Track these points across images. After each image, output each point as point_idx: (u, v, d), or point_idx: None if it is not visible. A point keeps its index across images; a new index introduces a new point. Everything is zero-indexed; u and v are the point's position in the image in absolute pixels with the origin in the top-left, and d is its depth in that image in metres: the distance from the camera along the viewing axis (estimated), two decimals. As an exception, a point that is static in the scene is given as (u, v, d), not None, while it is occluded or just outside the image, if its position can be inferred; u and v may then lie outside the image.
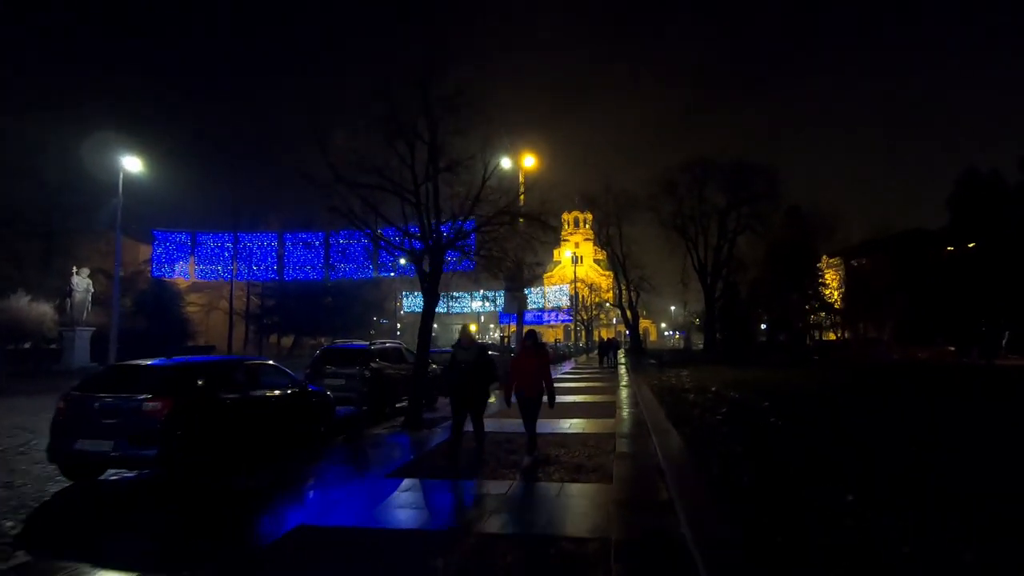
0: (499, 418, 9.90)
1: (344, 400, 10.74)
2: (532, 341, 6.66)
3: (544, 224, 10.50)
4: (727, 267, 46.61)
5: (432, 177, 9.53)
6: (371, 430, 9.12)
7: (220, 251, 21.57)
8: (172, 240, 21.81)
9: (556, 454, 6.83)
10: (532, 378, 6.40)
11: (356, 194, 9.71)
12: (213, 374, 6.55)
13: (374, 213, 10.02)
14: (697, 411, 9.47)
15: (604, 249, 49.38)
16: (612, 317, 74.97)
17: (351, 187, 9.32)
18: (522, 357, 6.67)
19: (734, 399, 11.16)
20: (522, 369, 6.51)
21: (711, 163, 44.87)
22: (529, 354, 6.56)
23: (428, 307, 9.91)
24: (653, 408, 10.52)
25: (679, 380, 16.87)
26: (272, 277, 21.94)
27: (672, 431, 7.91)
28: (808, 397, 11.73)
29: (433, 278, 9.89)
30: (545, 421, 9.43)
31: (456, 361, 6.52)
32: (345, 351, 11.22)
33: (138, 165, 22.57)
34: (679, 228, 45.17)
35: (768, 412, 9.23)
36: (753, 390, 13.01)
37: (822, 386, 14.21)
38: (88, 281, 31.19)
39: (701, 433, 7.43)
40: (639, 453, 6.72)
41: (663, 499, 4.80)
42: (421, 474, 5.92)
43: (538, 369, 6.42)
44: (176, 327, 42.51)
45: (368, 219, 10.07)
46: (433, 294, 9.89)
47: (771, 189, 44.27)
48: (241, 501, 5.26)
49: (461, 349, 6.51)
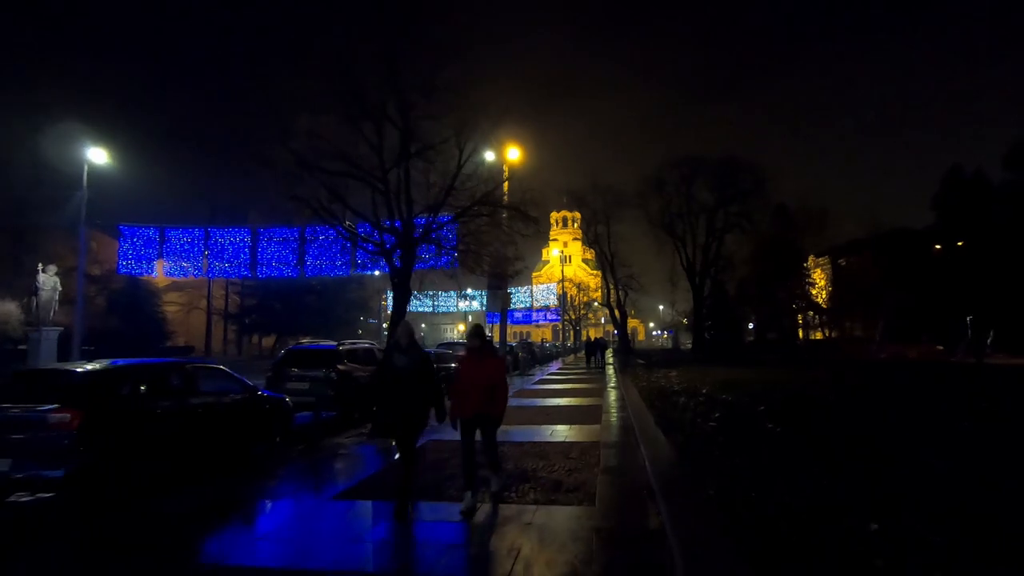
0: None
1: (309, 405, 9.97)
2: (478, 341, 4.79)
3: (525, 215, 9.79)
4: (715, 266, 46.26)
5: (403, 163, 8.78)
6: (334, 439, 8.33)
7: (191, 247, 20.57)
8: (140, 235, 20.77)
9: (534, 468, 6.11)
10: (478, 392, 4.68)
11: (322, 183, 8.94)
12: (140, 380, 5.73)
13: (342, 204, 9.24)
14: (689, 416, 8.80)
15: (592, 248, 48.82)
16: (600, 317, 74.54)
17: (314, 173, 8.54)
18: (465, 363, 4.88)
19: (727, 402, 10.52)
20: (466, 380, 4.77)
21: (699, 160, 44.51)
22: (475, 359, 4.79)
23: (398, 304, 9.15)
24: (641, 413, 9.84)
25: (668, 381, 16.23)
26: (245, 274, 20.99)
27: (662, 439, 7.22)
28: (804, 400, 11.11)
29: (404, 273, 9.14)
30: (526, 428, 8.73)
31: (388, 367, 4.94)
32: (311, 352, 10.41)
33: (103, 157, 21.48)
34: (667, 226, 44.72)
35: (764, 417, 8.59)
36: (745, 392, 12.39)
37: (817, 387, 13.62)
38: (56, 279, 29.89)
39: (695, 443, 6.75)
40: (627, 467, 6.02)
41: (654, 527, 4.10)
42: (374, 495, 5.17)
43: (487, 380, 4.70)
44: (152, 327, 41.26)
45: (336, 210, 9.30)
46: (404, 290, 9.13)
47: (758, 187, 43.96)
48: (155, 531, 4.46)
49: (397, 352, 4.84)
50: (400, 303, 9.10)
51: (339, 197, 9.12)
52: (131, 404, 5.41)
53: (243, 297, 48.83)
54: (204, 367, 6.85)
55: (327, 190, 8.96)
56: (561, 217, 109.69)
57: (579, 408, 11.41)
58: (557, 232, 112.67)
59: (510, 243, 10.90)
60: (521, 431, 8.64)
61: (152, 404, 5.64)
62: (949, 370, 20.52)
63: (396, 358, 4.81)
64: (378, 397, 4.87)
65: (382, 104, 8.64)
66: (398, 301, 9.09)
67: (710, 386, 13.75)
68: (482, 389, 4.71)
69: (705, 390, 12.93)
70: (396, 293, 9.10)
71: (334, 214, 9.18)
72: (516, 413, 10.72)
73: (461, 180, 9.09)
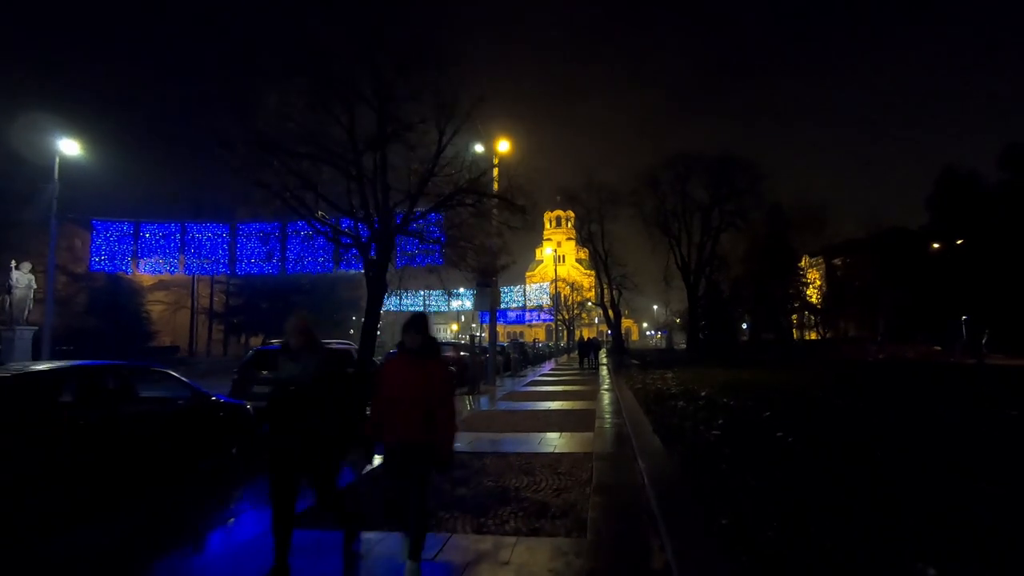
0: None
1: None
2: (417, 337, 3.30)
3: (512, 204, 9.03)
4: (710, 265, 45.71)
5: (378, 146, 8.01)
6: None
7: (166, 243, 19.66)
8: (113, 231, 19.84)
9: (517, 485, 5.36)
10: (411, 411, 3.18)
11: (289, 167, 8.14)
12: (57, 385, 4.94)
13: (312, 192, 8.45)
14: (689, 424, 8.08)
15: (586, 247, 48.12)
16: (595, 316, 73.90)
17: (277, 155, 7.75)
18: (393, 367, 3.37)
19: (729, 407, 9.82)
20: (392, 390, 3.26)
21: (694, 158, 43.96)
22: (409, 363, 3.29)
23: (373, 300, 8.38)
24: (638, 419, 9.12)
25: (664, 383, 15.54)
26: (223, 271, 20.10)
27: (662, 451, 6.50)
28: (810, 404, 10.43)
29: (380, 267, 8.37)
30: (513, 436, 7.99)
31: (275, 381, 3.48)
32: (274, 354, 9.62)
33: (76, 149, 20.54)
34: (662, 225, 44.16)
35: (772, 424, 7.88)
36: (747, 395, 11.72)
37: (821, 390, 12.94)
38: (30, 277, 28.88)
39: (698, 456, 6.03)
40: (623, 486, 5.28)
41: (657, 568, 3.37)
42: (322, 524, 4.39)
43: (424, 394, 3.21)
44: (134, 326, 40.18)
45: (307, 199, 8.50)
46: (379, 285, 8.36)
47: (754, 185, 43.43)
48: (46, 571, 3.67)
49: (286, 358, 3.41)
50: (375, 299, 8.33)
51: (309, 184, 8.33)
52: (39, 415, 4.62)
53: (229, 296, 47.78)
54: (145, 370, 6.06)
55: (295, 176, 8.17)
56: (555, 216, 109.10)
57: (571, 413, 10.67)
58: (551, 232, 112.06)
59: (497, 236, 10.15)
60: (508, 440, 7.90)
61: (73, 414, 4.85)
62: (952, 371, 19.95)
63: (282, 365, 3.40)
64: (268, 415, 3.27)
65: (354, 80, 7.87)
66: (373, 298, 8.32)
67: (709, 389, 13.07)
68: (415, 407, 3.18)
69: (704, 393, 12.25)
70: (371, 289, 8.33)
71: (305, 203, 8.40)
72: (504, 418, 9.98)
73: (441, 165, 8.33)
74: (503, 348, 27.21)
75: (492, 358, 17.80)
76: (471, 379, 15.42)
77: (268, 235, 18.43)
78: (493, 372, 17.76)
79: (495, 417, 10.24)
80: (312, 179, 8.31)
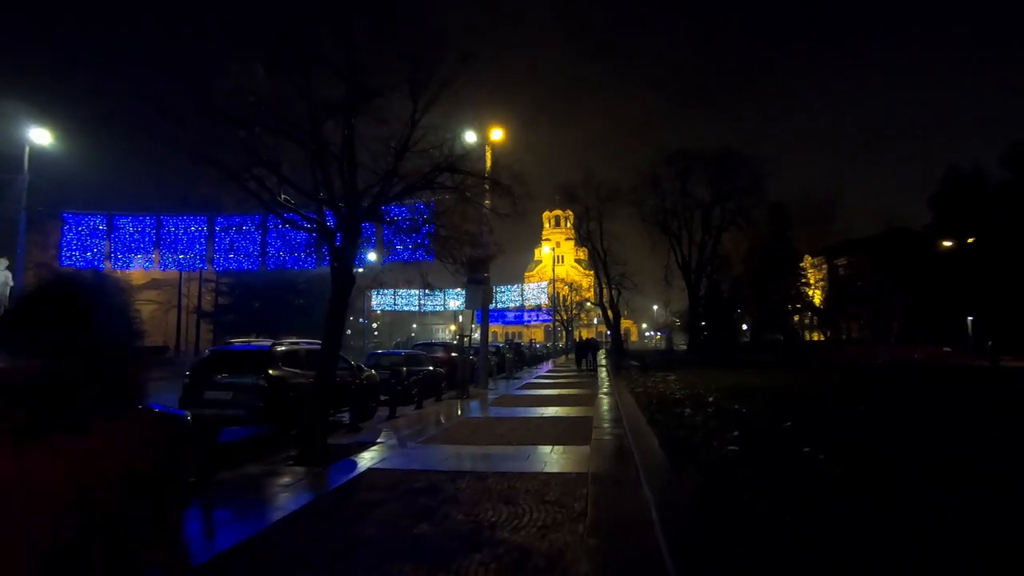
0: (439, 442, 7.38)
1: (232, 420, 8.14)
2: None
3: (496, 184, 7.98)
4: (711, 264, 44.77)
5: (341, 115, 6.96)
6: (248, 466, 6.47)
7: (141, 236, 18.64)
8: (85, 224, 18.81)
9: (493, 520, 4.32)
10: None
11: (245, 144, 7.08)
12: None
13: (274, 173, 7.38)
14: (700, 436, 7.05)
15: (584, 245, 47.12)
16: (593, 317, 72.87)
17: (228, 125, 6.69)
18: None
19: (742, 415, 8.79)
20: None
21: (694, 155, 43.01)
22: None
23: (338, 295, 7.33)
24: (640, 429, 8.10)
25: (667, 387, 14.50)
26: (200, 267, 19.12)
27: (671, 472, 5.47)
28: (830, 410, 9.41)
29: (346, 256, 7.32)
30: (497, 449, 6.95)
31: None
32: (237, 354, 8.56)
33: (47, 138, 19.50)
34: (662, 223, 43.27)
35: (794, 436, 6.86)
36: (758, 400, 10.69)
37: (838, 395, 11.91)
38: (7, 273, 27.94)
39: (715, 478, 5.00)
40: (626, 521, 4.24)
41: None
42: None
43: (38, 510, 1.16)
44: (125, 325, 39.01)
45: (267, 180, 7.44)
46: (345, 278, 7.31)
47: (756, 183, 42.56)
48: None
49: None
50: (340, 294, 7.27)
51: (269, 163, 7.26)
52: None
53: (220, 295, 46.68)
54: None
55: (252, 153, 7.11)
56: (554, 216, 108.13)
57: (565, 422, 9.65)
58: (550, 232, 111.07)
59: (484, 224, 9.10)
60: (491, 455, 6.87)
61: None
62: (968, 374, 18.96)
63: None
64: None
65: (316, 40, 6.83)
66: (338, 292, 7.26)
67: (716, 393, 12.03)
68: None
69: (711, 398, 11.21)
70: (336, 283, 7.27)
71: (266, 186, 7.32)
72: (490, 428, 8.95)
73: (416, 140, 7.27)
74: (498, 349, 26.19)
75: (484, 359, 16.77)
76: (460, 382, 14.39)
77: (247, 229, 17.35)
78: (485, 374, 16.73)
79: (481, 426, 9.21)
80: (272, 157, 7.26)
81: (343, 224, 7.29)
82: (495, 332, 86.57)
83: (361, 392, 10.53)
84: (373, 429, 9.23)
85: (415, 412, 11.26)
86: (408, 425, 9.46)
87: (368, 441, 7.90)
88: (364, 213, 7.39)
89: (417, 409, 11.56)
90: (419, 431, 8.77)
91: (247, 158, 7.05)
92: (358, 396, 10.36)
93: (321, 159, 7.02)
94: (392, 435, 8.49)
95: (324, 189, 7.16)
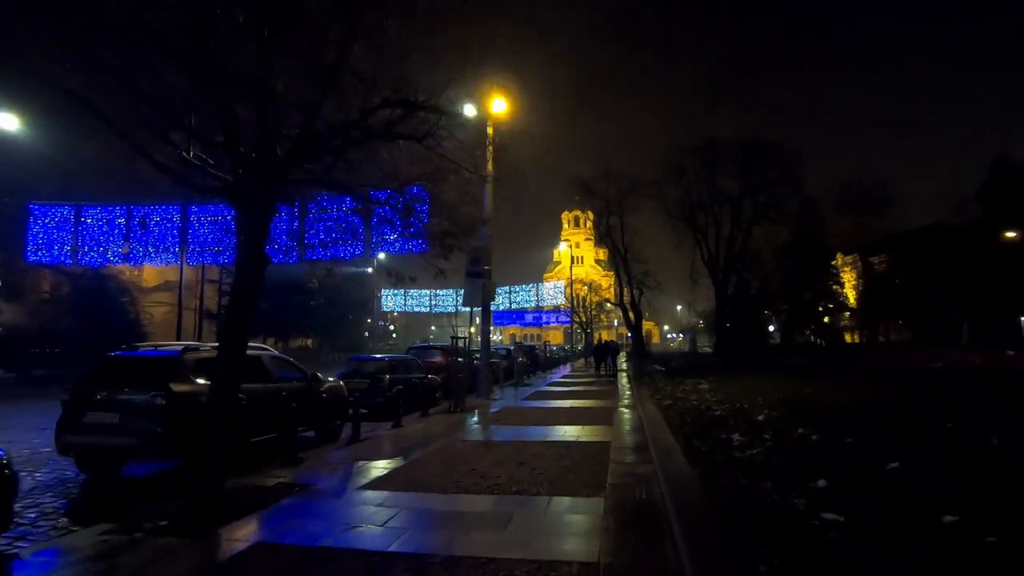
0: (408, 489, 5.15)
1: (120, 452, 6.10)
2: None
3: (444, 113, 5.66)
4: (741, 261, 41.83)
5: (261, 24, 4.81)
6: (76, 538, 4.35)
7: (111, 228, 16.92)
8: (52, 215, 17.13)
9: None
10: None
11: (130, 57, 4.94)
12: None
13: (169, 98, 5.21)
14: (769, 486, 4.75)
15: (604, 243, 44.61)
16: (614, 319, 70.18)
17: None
18: None
19: (814, 446, 6.43)
20: None
21: (722, 144, 40.19)
22: None
23: (245, 272, 5.19)
24: (675, 467, 5.82)
25: (701, 398, 12.13)
26: (172, 261, 17.22)
27: (737, 566, 3.20)
28: (936, 438, 6.94)
29: (257, 221, 5.18)
30: (461, 503, 4.66)
31: None
32: (132, 363, 6.50)
33: (14, 124, 17.90)
34: (687, 218, 40.56)
35: (909, 486, 4.52)
36: (822, 420, 8.28)
37: (931, 411, 9.33)
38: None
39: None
40: None
41: None
42: None
43: None
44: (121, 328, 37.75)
45: (161, 112, 5.27)
46: (255, 250, 5.17)
47: (788, 173, 39.50)
48: None
49: None
50: (248, 275, 5.12)
51: (165, 88, 5.11)
52: None
53: (223, 296, 45.34)
54: None
55: (137, 66, 4.96)
56: (573, 217, 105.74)
57: (574, 451, 7.39)
58: (569, 232, 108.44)
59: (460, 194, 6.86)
60: (456, 514, 4.67)
61: None
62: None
63: None
64: None
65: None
66: (244, 269, 5.11)
67: (764, 409, 9.64)
68: None
69: (761, 417, 8.85)
70: (241, 256, 5.13)
71: (162, 111, 5.14)
72: (473, 459, 6.65)
73: (355, 62, 5.11)
74: (507, 352, 23.97)
75: (485, 365, 14.56)
76: (455, 392, 12.21)
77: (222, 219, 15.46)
78: (488, 383, 14.52)
79: (459, 458, 6.99)
80: (166, 78, 5.13)
81: (254, 176, 5.15)
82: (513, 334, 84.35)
83: (320, 408, 8.44)
84: (324, 459, 7.10)
85: (389, 432, 9.12)
86: (369, 454, 7.31)
87: (302, 484, 5.75)
88: (287, 158, 5.23)
89: (394, 428, 9.42)
90: (375, 466, 6.60)
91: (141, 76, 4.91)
92: (314, 413, 8.27)
93: (224, 84, 4.85)
94: (338, 471, 6.35)
95: (231, 129, 5.00)
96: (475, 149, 7.28)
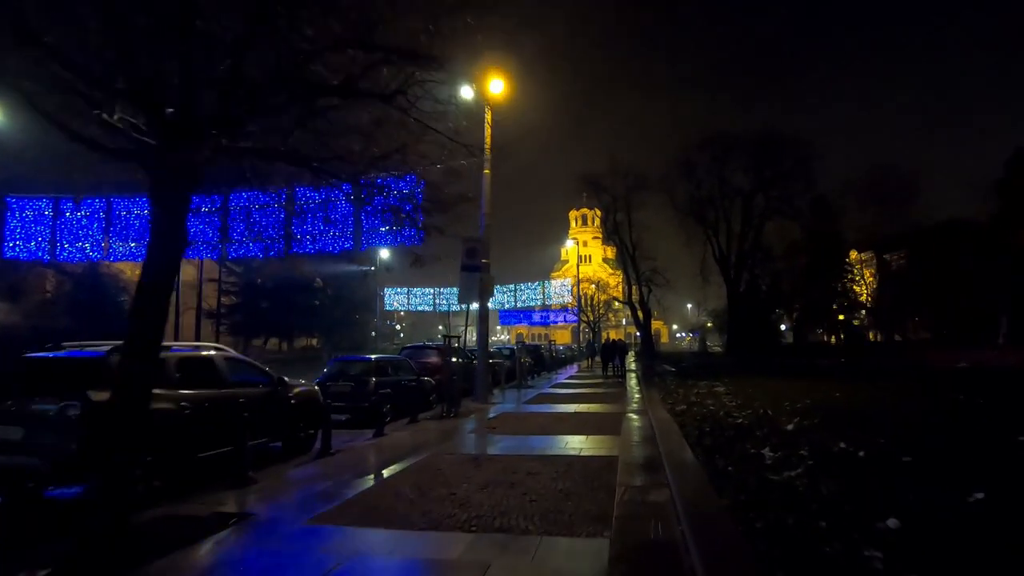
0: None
1: (22, 473, 5.11)
2: None
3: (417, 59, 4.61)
4: (752, 258, 40.52)
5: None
6: None
7: (90, 222, 16.05)
8: (30, 209, 16.29)
9: None
10: None
11: None
12: None
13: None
14: (825, 527, 3.67)
15: (611, 239, 43.39)
16: (622, 318, 68.85)
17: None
18: None
19: (865, 465, 5.34)
20: None
21: (733, 138, 38.92)
22: None
23: (156, 266, 4.19)
24: (696, 492, 4.75)
25: (717, 403, 11.03)
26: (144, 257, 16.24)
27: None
28: (1006, 456, 5.82)
29: (175, 196, 4.18)
30: (425, 545, 3.60)
31: None
32: (51, 366, 5.50)
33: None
34: (697, 213, 39.34)
35: (1005, 526, 3.43)
36: (861, 429, 7.17)
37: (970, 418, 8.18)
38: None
39: None
40: None
41: None
42: None
43: None
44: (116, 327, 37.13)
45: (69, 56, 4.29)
46: (172, 229, 4.17)
47: (801, 167, 38.20)
48: None
49: None
50: (161, 259, 4.14)
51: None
52: None
53: (227, 295, 44.71)
54: None
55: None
56: (580, 215, 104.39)
57: (576, 468, 6.33)
58: (576, 231, 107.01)
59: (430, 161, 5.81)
60: (417, 564, 3.63)
61: None
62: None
63: None
64: None
65: None
66: (157, 256, 4.13)
67: (795, 418, 8.51)
68: None
69: (791, 427, 7.74)
70: (154, 237, 4.15)
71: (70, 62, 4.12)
72: (455, 479, 5.56)
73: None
74: (511, 351, 22.91)
75: (483, 366, 13.51)
76: (449, 396, 11.18)
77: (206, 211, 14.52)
78: (485, 385, 13.47)
79: (438, 479, 5.94)
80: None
81: (167, 140, 4.14)
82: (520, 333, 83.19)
83: (287, 416, 7.45)
84: (281, 477, 6.10)
85: (368, 443, 8.09)
86: (335, 471, 6.28)
87: (243, 513, 4.74)
88: (213, 118, 4.21)
89: (375, 438, 8.39)
90: (335, 487, 5.57)
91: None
92: (279, 422, 7.28)
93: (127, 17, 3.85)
94: (292, 495, 5.33)
95: (124, 75, 3.98)
96: (463, 119, 6.23)
